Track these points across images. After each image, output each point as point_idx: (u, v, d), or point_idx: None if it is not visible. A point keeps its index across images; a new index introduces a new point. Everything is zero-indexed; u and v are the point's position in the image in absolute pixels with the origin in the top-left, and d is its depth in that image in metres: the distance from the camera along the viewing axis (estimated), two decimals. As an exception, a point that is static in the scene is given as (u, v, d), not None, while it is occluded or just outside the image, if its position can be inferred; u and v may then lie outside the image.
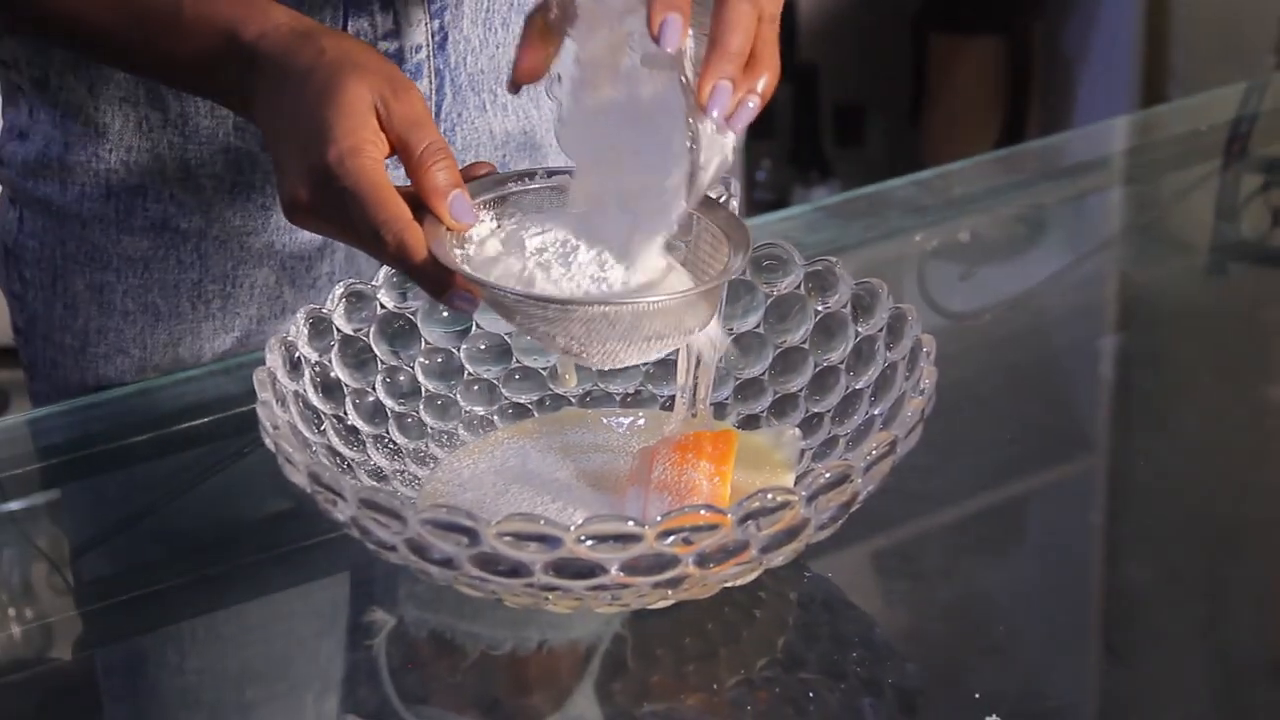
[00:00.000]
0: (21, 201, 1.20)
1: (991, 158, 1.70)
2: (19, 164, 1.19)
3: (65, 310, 1.20)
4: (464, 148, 1.19)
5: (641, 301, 0.89)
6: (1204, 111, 1.69)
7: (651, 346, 0.91)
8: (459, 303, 0.90)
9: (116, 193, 1.16)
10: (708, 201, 0.95)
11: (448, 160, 0.91)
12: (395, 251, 0.88)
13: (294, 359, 1.00)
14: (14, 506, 1.15)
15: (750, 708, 0.89)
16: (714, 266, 0.94)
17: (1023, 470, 1.12)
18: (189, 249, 1.18)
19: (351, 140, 0.89)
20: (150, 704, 0.96)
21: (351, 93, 0.90)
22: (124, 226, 1.17)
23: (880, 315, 1.02)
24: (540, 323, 0.89)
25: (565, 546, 0.83)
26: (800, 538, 0.88)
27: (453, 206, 0.90)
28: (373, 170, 0.89)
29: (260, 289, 1.19)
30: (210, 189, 1.16)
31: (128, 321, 1.20)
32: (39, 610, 1.07)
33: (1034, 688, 0.92)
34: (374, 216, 0.88)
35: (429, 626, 0.98)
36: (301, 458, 0.89)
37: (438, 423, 1.07)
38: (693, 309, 0.91)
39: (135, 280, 1.18)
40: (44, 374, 1.24)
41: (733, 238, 0.94)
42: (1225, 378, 1.24)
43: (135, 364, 1.21)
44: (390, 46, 1.13)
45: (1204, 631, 0.97)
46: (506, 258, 0.91)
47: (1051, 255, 1.49)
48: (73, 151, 1.16)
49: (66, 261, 1.19)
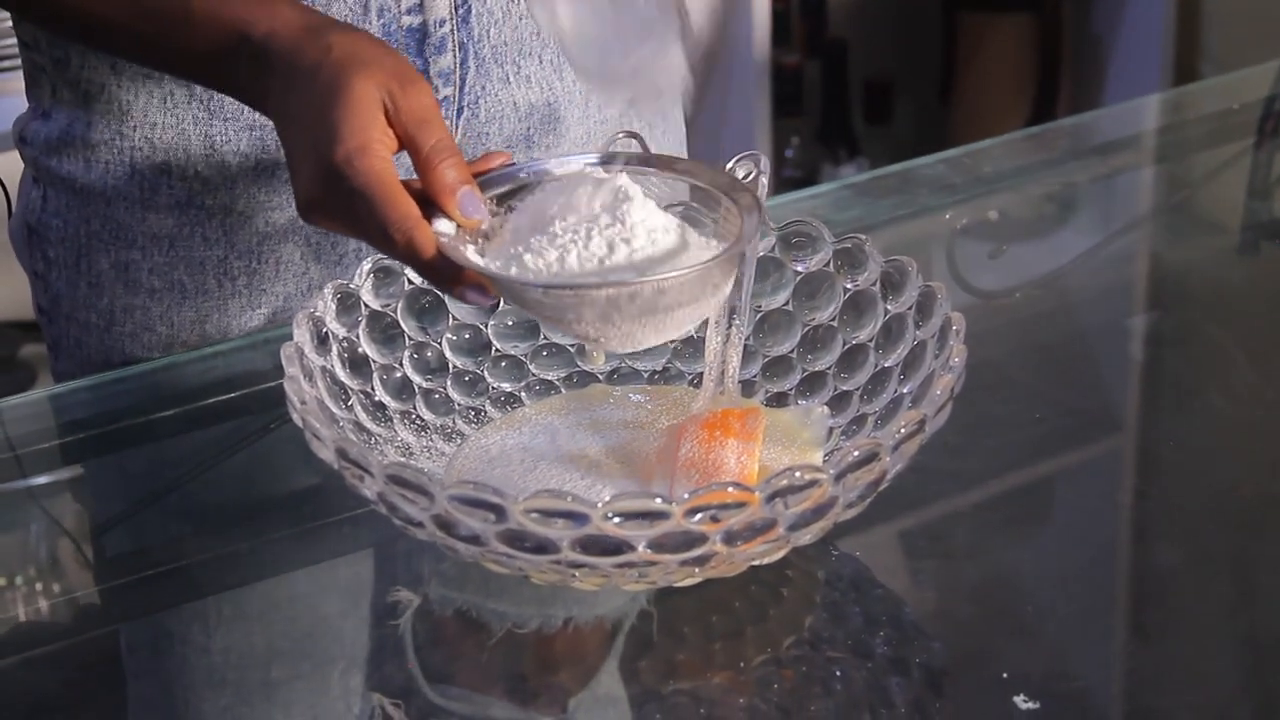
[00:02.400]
0: (45, 181, 1.20)
1: (1021, 136, 1.69)
2: (41, 143, 1.19)
3: (90, 289, 1.20)
4: (487, 120, 1.19)
5: (655, 278, 0.88)
6: (1236, 90, 1.68)
7: (669, 324, 0.91)
8: (472, 296, 0.91)
9: (141, 170, 1.16)
10: (728, 178, 0.96)
11: (455, 157, 0.92)
12: (405, 249, 0.89)
13: (321, 334, 1.00)
14: (39, 481, 1.15)
15: (777, 686, 0.89)
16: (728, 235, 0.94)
17: (1051, 450, 1.12)
18: (214, 226, 1.18)
19: (359, 139, 0.89)
20: (175, 680, 0.96)
21: (359, 90, 0.91)
22: (149, 204, 1.17)
23: (910, 293, 1.02)
24: (556, 310, 0.90)
25: (593, 523, 0.82)
26: (828, 516, 0.87)
27: (462, 203, 0.91)
28: (380, 169, 0.89)
29: (286, 265, 1.19)
30: (235, 165, 1.16)
31: (154, 299, 1.20)
32: (63, 586, 1.07)
33: (1061, 668, 0.91)
34: (383, 215, 0.89)
35: (455, 604, 0.98)
36: (329, 433, 0.89)
37: (465, 399, 1.06)
38: (709, 283, 0.90)
39: (160, 258, 1.18)
40: (68, 353, 1.24)
41: (743, 207, 0.94)
42: (1256, 358, 1.23)
43: (161, 341, 1.21)
44: (414, 21, 1.13)
45: (1232, 612, 0.96)
46: (518, 247, 0.91)
47: (1081, 234, 1.49)
48: (96, 130, 1.16)
49: (91, 240, 1.19)
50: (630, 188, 0.92)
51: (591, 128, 1.24)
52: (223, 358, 1.20)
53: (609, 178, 0.93)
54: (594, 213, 0.91)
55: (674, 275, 0.89)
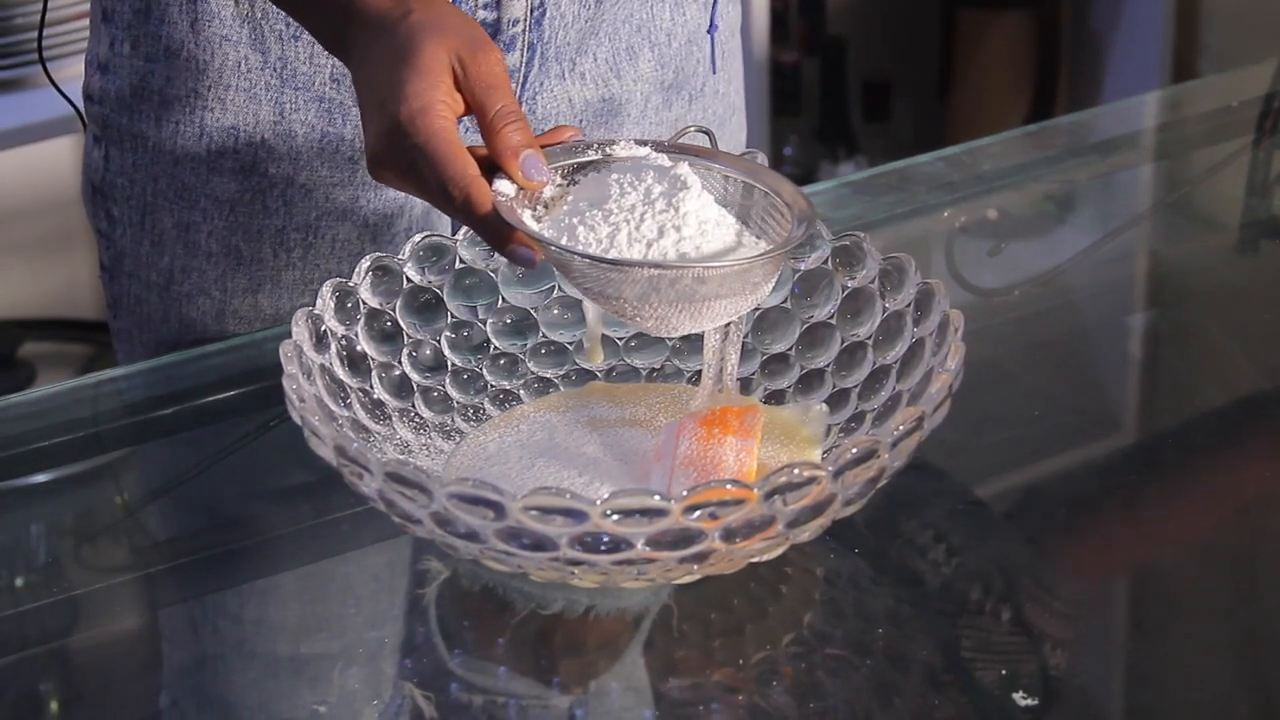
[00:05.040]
0: (108, 139, 1.21)
1: (1020, 134, 1.69)
2: (113, 99, 1.20)
3: (152, 247, 1.22)
4: (544, 117, 1.20)
5: (696, 266, 0.90)
6: (1235, 87, 1.68)
7: (705, 315, 0.92)
8: (519, 255, 0.92)
9: (210, 132, 1.17)
10: (776, 176, 0.97)
11: (520, 122, 0.94)
12: (461, 205, 0.92)
13: (320, 332, 1.00)
14: (37, 480, 1.15)
15: (776, 683, 0.89)
16: (777, 240, 0.95)
17: (1049, 447, 1.12)
18: (275, 195, 1.19)
19: (423, 99, 0.92)
20: (175, 680, 0.96)
21: (429, 54, 0.93)
22: (214, 167, 1.18)
23: (908, 290, 1.02)
24: (598, 284, 0.91)
25: (591, 521, 0.83)
26: (827, 513, 0.87)
27: (524, 165, 0.93)
28: (442, 128, 0.92)
29: (342, 244, 1.21)
30: (301, 135, 1.17)
31: (210, 262, 1.21)
32: (62, 584, 1.07)
33: (1060, 665, 0.91)
34: (442, 172, 0.91)
35: (452, 604, 0.98)
36: (327, 431, 0.90)
37: (463, 397, 1.06)
38: (749, 280, 0.91)
39: (220, 222, 1.20)
40: (128, 309, 1.25)
41: (796, 209, 0.95)
42: (1255, 356, 1.23)
43: (216, 306, 1.22)
44: (489, 16, 1.14)
45: (1231, 610, 0.96)
46: (573, 219, 0.93)
47: (1080, 232, 1.49)
48: (173, 86, 1.17)
49: (156, 199, 1.20)
50: (690, 177, 0.94)
51: (648, 128, 1.24)
52: (221, 355, 1.20)
53: (672, 165, 0.94)
54: (651, 197, 0.93)
55: (714, 266, 0.90)
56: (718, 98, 1.30)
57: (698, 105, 1.28)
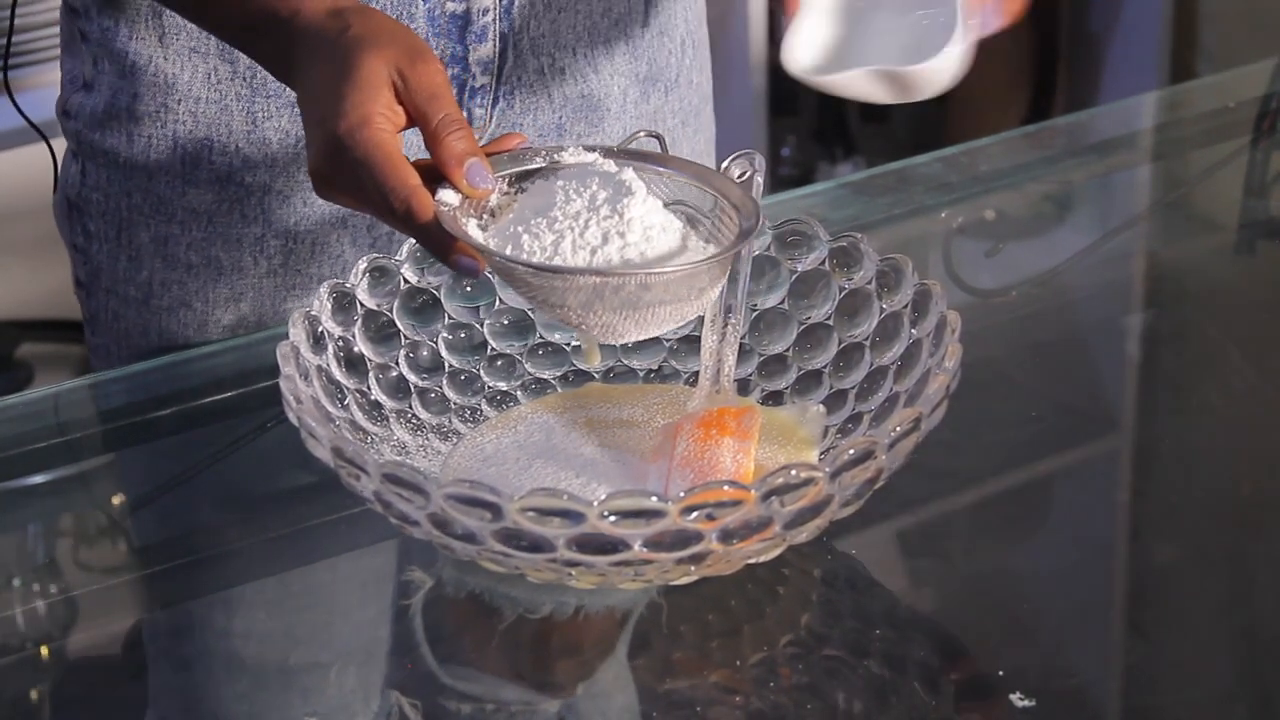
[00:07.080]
0: (85, 155, 1.21)
1: (1017, 134, 1.69)
2: (87, 116, 1.20)
3: (129, 262, 1.21)
4: (522, 111, 1.20)
5: (639, 272, 0.89)
6: (1233, 88, 1.68)
7: (651, 321, 0.91)
8: (462, 265, 0.92)
9: (183, 144, 1.17)
10: (724, 180, 0.96)
11: (463, 130, 0.93)
12: (403, 215, 0.91)
13: (317, 333, 1.00)
14: (36, 480, 1.15)
15: (773, 684, 0.89)
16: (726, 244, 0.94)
17: (1047, 448, 1.12)
18: (253, 203, 1.19)
19: (361, 112, 0.92)
20: (174, 678, 0.96)
21: (367, 68, 0.93)
22: (189, 179, 1.18)
23: (905, 291, 1.02)
24: (542, 292, 0.90)
25: (588, 522, 0.83)
26: (824, 514, 0.87)
27: (469, 172, 0.93)
28: (382, 141, 0.91)
29: (322, 247, 1.21)
30: (276, 143, 1.17)
31: (190, 274, 1.21)
32: (61, 585, 1.07)
33: (1058, 666, 0.91)
34: (383, 183, 0.91)
35: (447, 605, 0.98)
36: (325, 432, 0.90)
37: (460, 398, 1.06)
38: (694, 285, 0.90)
39: (199, 233, 1.19)
40: (106, 326, 1.25)
41: (744, 212, 0.94)
42: (1252, 356, 1.23)
43: (198, 318, 1.22)
44: (458, 8, 1.14)
45: (1228, 610, 0.96)
46: (518, 227, 0.92)
47: (1078, 233, 1.49)
48: (142, 102, 1.17)
49: (132, 213, 1.20)
50: (634, 183, 0.93)
51: (629, 122, 1.24)
52: (218, 357, 1.20)
53: (617, 171, 0.94)
54: (596, 203, 0.92)
55: (657, 272, 0.89)
56: (692, 88, 1.30)
57: (674, 96, 1.28)
